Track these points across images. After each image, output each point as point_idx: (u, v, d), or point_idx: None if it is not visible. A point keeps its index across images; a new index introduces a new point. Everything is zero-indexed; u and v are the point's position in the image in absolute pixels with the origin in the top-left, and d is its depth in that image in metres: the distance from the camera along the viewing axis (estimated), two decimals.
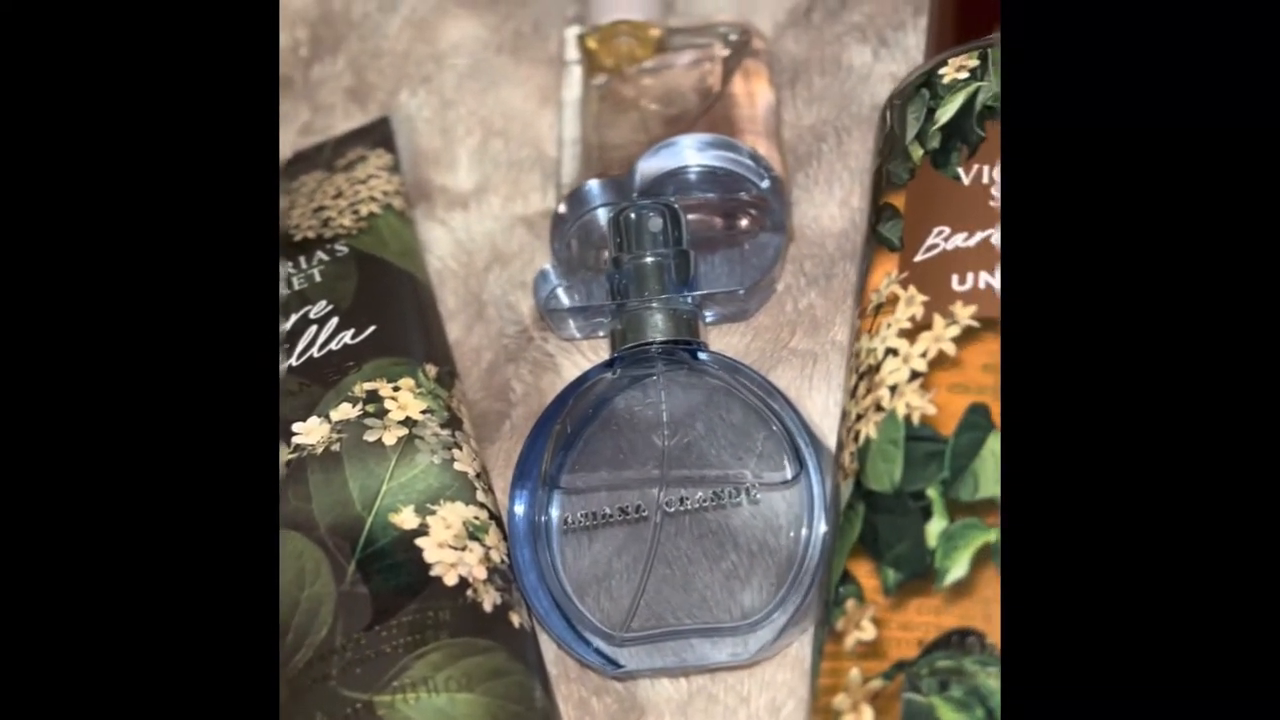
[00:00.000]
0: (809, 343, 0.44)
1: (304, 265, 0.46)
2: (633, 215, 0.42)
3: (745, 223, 0.44)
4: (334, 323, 0.44)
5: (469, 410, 0.45)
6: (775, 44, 0.50)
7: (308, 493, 0.40)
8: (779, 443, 0.40)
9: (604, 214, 0.44)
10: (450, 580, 0.38)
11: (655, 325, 0.41)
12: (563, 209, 0.45)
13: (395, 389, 0.42)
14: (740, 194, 0.44)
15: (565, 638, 0.40)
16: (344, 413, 0.41)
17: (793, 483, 0.39)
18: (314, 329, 0.44)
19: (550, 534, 0.40)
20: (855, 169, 0.47)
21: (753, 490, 0.39)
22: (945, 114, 0.39)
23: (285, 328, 0.44)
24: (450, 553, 0.39)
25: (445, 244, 0.49)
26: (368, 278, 0.45)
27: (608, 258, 0.43)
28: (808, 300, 0.45)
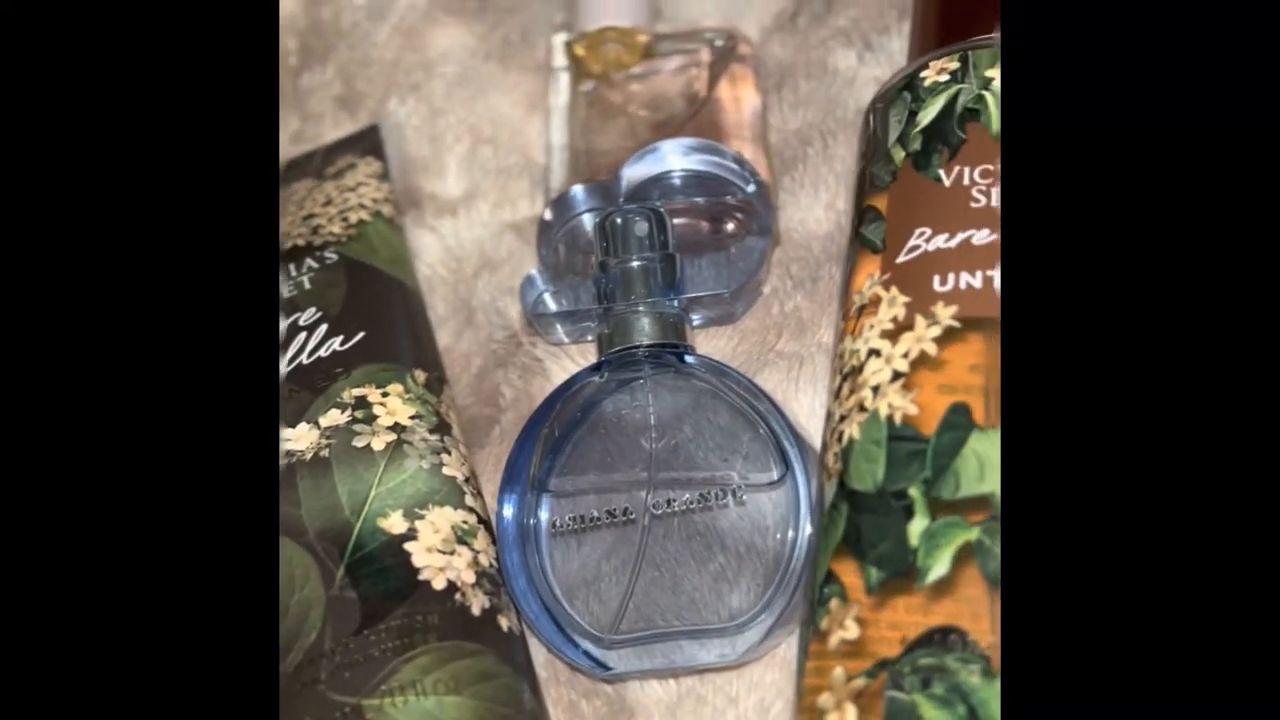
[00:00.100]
0: (795, 345, 0.44)
1: (294, 273, 0.46)
2: (618, 220, 0.42)
3: (731, 227, 0.44)
4: (323, 329, 0.44)
5: (459, 415, 0.45)
6: (761, 49, 0.50)
7: (297, 498, 0.40)
8: (765, 445, 0.40)
9: (590, 219, 0.45)
10: (439, 584, 0.39)
11: (642, 329, 0.41)
12: (549, 215, 0.45)
13: (384, 395, 0.42)
14: (726, 197, 0.44)
15: (554, 641, 0.40)
16: (333, 419, 0.42)
17: (779, 484, 0.39)
18: (303, 336, 0.44)
19: (539, 537, 0.40)
20: (841, 172, 0.47)
21: (739, 492, 0.39)
22: (926, 116, 0.39)
23: None
24: (439, 557, 0.39)
25: (435, 251, 0.49)
26: (357, 285, 0.45)
27: (594, 262, 0.43)
28: (794, 303, 0.45)
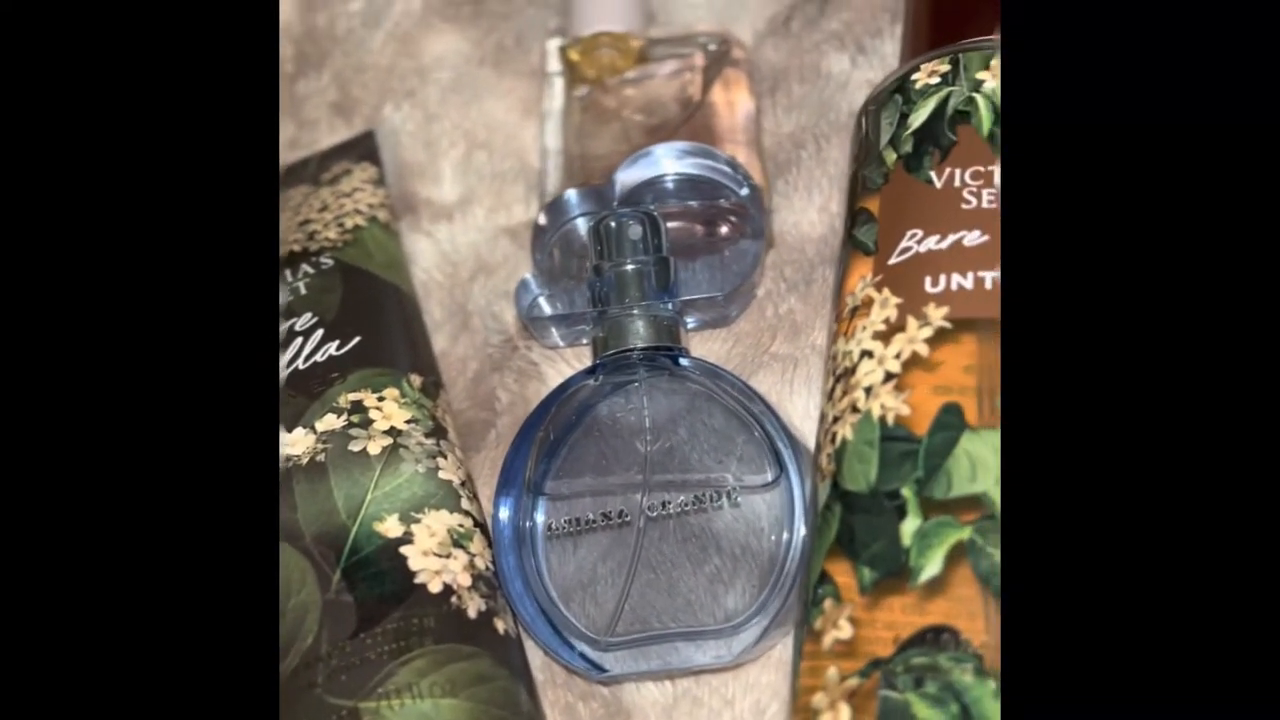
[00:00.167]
0: (789, 347, 0.44)
1: (290, 278, 0.46)
2: (613, 224, 0.42)
3: (726, 230, 0.45)
4: (319, 334, 0.44)
5: (455, 420, 0.45)
6: (755, 53, 0.50)
7: (294, 503, 0.40)
8: (759, 447, 0.40)
9: (584, 223, 0.45)
10: (435, 587, 0.39)
11: (636, 332, 0.41)
12: (543, 219, 0.45)
13: (380, 399, 0.42)
14: (720, 201, 0.45)
15: (551, 644, 0.40)
16: (329, 423, 0.42)
17: (773, 485, 0.39)
18: (299, 341, 0.44)
19: (535, 540, 0.40)
20: (834, 175, 0.47)
21: (734, 494, 0.39)
22: (918, 119, 0.39)
23: None
24: (435, 560, 0.39)
25: (430, 255, 0.49)
26: (352, 290, 0.45)
27: (589, 266, 0.43)
28: (788, 305, 0.45)
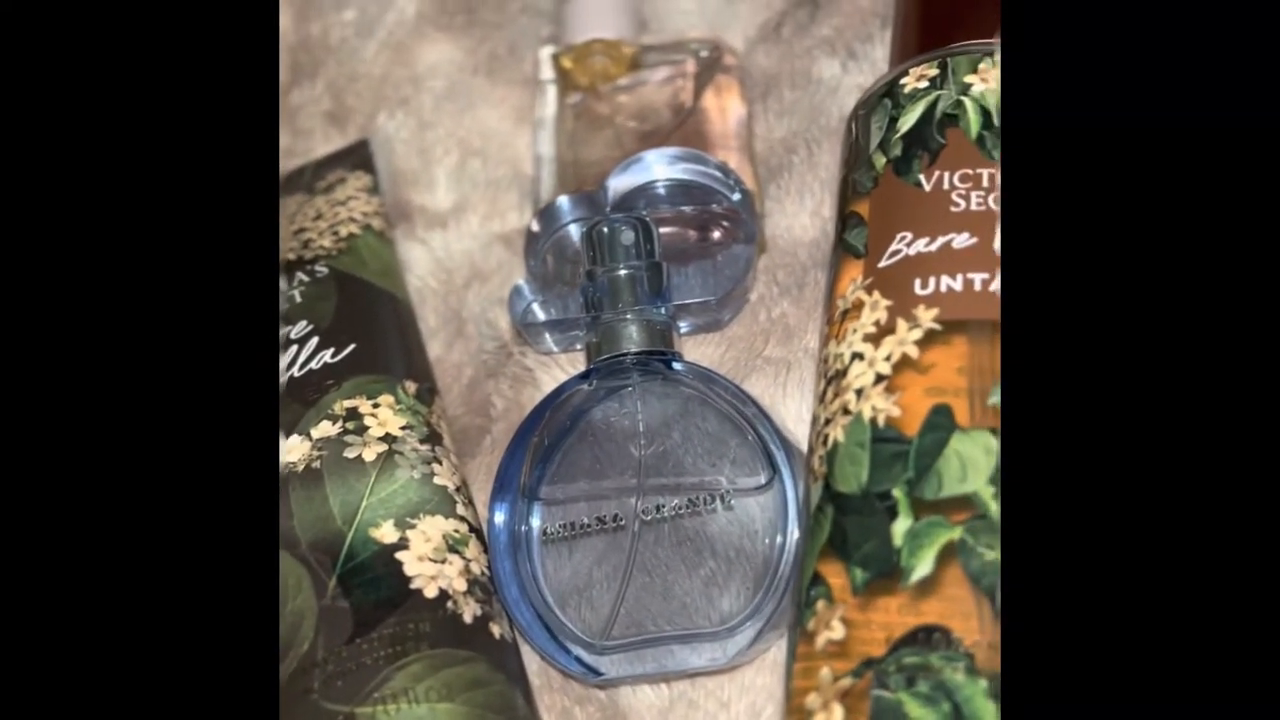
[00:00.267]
0: (782, 351, 0.45)
1: (285, 286, 0.46)
2: (605, 229, 0.42)
3: (718, 235, 0.45)
4: (314, 342, 0.44)
5: (450, 426, 0.45)
6: (746, 59, 0.51)
7: (290, 510, 0.40)
8: (753, 450, 0.40)
9: (577, 229, 0.45)
10: (430, 593, 0.39)
11: (630, 337, 0.42)
12: (536, 226, 0.45)
13: (375, 406, 0.43)
14: (712, 205, 0.45)
15: (547, 648, 0.40)
16: (324, 430, 0.42)
17: (766, 488, 0.39)
18: (294, 349, 0.44)
19: (531, 545, 0.41)
20: (825, 179, 0.47)
21: (727, 497, 0.40)
22: (907, 122, 0.39)
23: None
24: (430, 565, 0.39)
25: (425, 263, 0.50)
26: (347, 297, 0.46)
27: (582, 272, 0.43)
28: (780, 309, 0.45)
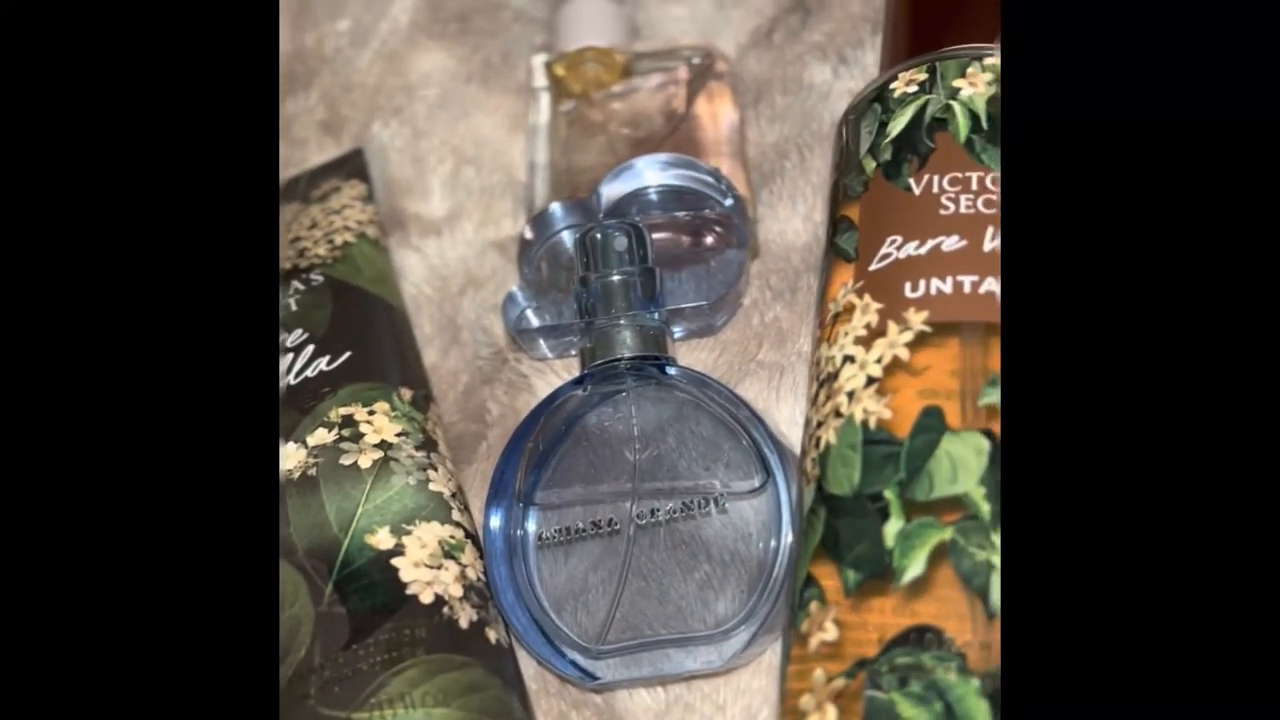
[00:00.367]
0: (775, 355, 0.45)
1: (280, 295, 0.46)
2: (598, 235, 0.43)
3: (711, 240, 0.45)
4: (310, 350, 0.44)
5: (446, 432, 0.45)
6: (738, 65, 0.51)
7: (286, 517, 0.40)
8: (746, 453, 0.40)
9: (570, 235, 0.45)
10: (426, 598, 0.39)
11: (624, 342, 0.42)
12: (529, 233, 0.45)
13: (370, 413, 0.43)
14: (705, 211, 0.45)
15: (543, 653, 0.40)
16: (320, 438, 0.42)
17: (760, 491, 0.40)
18: (290, 357, 0.44)
19: (526, 551, 0.41)
20: (817, 184, 0.48)
21: (721, 500, 0.40)
22: (896, 127, 0.39)
23: None
24: (426, 571, 0.40)
25: (420, 270, 0.50)
26: (342, 306, 0.46)
27: (575, 278, 0.43)
28: (773, 313, 0.46)
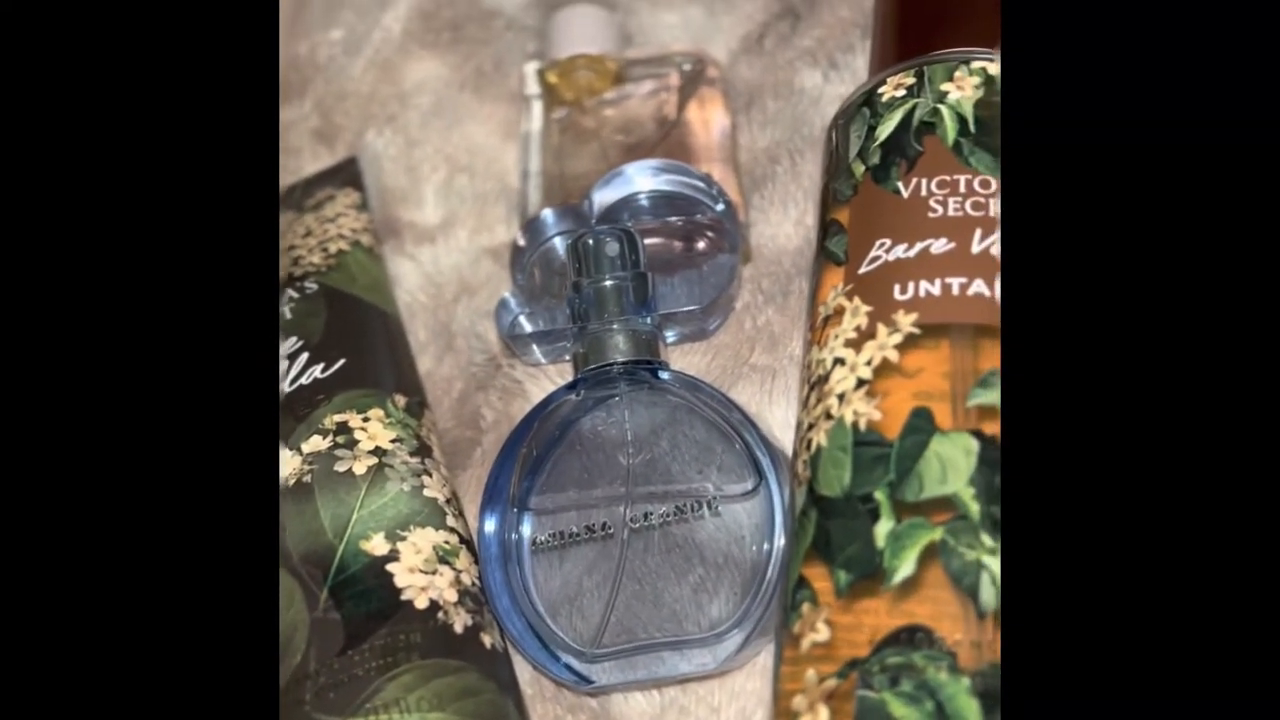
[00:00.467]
0: (768, 358, 0.45)
1: None
2: (590, 241, 0.43)
3: (703, 245, 0.45)
4: (304, 358, 0.45)
5: (440, 438, 0.46)
6: (730, 71, 0.51)
7: (281, 523, 0.41)
8: (739, 456, 0.40)
9: (562, 242, 0.45)
10: (421, 604, 0.39)
11: (616, 346, 0.42)
12: (521, 240, 0.46)
13: (365, 420, 0.43)
14: (696, 216, 0.45)
15: (538, 657, 0.40)
16: (315, 445, 0.42)
17: (753, 494, 0.40)
18: (285, 364, 0.45)
19: (521, 555, 0.41)
20: (809, 188, 0.48)
21: (714, 503, 0.40)
22: (884, 131, 0.40)
23: None
24: (421, 577, 0.40)
25: (414, 278, 0.50)
26: (337, 313, 0.46)
27: (568, 283, 0.44)
28: (766, 317, 0.46)
